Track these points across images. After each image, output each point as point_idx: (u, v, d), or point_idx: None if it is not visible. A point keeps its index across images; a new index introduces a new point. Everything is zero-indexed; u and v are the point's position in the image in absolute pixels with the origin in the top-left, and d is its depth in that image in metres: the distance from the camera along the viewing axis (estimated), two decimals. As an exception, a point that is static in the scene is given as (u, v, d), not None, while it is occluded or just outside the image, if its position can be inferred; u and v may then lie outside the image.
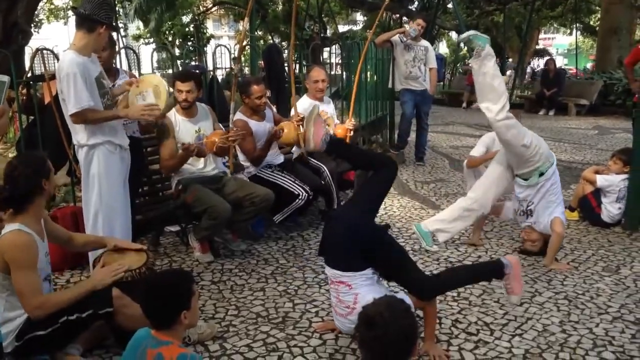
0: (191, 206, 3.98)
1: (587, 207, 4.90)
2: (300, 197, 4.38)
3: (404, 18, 15.14)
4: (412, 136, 7.54)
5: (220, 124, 4.46)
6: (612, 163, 4.90)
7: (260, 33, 24.00)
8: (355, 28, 28.04)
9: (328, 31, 21.11)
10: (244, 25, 6.19)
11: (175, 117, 4.06)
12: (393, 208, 5.46)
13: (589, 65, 20.02)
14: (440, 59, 16.44)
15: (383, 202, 5.50)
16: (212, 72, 6.85)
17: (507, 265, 2.92)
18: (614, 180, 4.77)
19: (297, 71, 7.26)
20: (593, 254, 4.17)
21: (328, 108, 5.25)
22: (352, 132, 5.12)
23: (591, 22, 24.62)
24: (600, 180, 4.82)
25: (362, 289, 2.65)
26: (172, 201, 4.25)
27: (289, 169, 4.69)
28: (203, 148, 3.93)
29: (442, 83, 18.04)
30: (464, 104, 15.56)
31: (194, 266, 4.00)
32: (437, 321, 3.10)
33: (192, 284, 2.26)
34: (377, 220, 5.01)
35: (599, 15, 18.81)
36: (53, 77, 3.88)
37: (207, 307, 3.34)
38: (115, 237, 3.19)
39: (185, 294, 2.18)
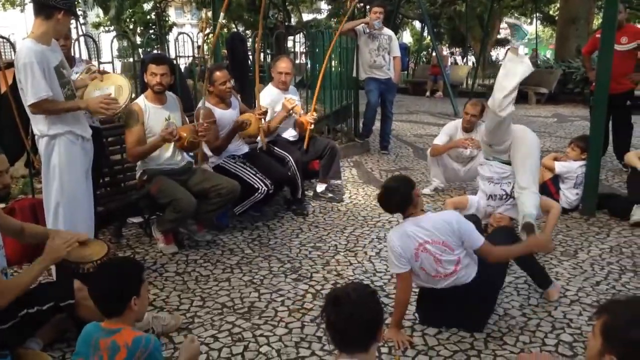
0: (155, 197, 3.93)
1: (546, 193, 4.98)
2: (259, 190, 4.37)
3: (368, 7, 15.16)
4: (377, 125, 7.59)
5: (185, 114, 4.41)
6: (570, 150, 5.03)
7: (223, 21, 23.71)
8: (319, 17, 27.95)
9: (292, 20, 20.96)
10: (205, 14, 6.10)
11: (144, 103, 3.97)
12: (358, 197, 5.50)
13: (548, 54, 20.40)
14: (404, 48, 16.55)
15: (348, 191, 5.61)
16: (174, 61, 6.73)
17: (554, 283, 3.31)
18: (571, 167, 4.90)
19: (261, 60, 7.20)
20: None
21: (293, 98, 5.24)
22: (312, 125, 5.12)
23: (551, 12, 25.10)
24: (559, 167, 4.94)
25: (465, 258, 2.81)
26: (135, 192, 4.18)
27: (253, 160, 4.67)
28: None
29: (406, 72, 18.17)
30: (428, 93, 15.72)
31: (158, 258, 3.95)
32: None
33: (141, 272, 2.26)
34: (342, 210, 5.05)
35: (558, 5, 19.16)
36: (8, 65, 3.77)
37: (172, 299, 3.31)
38: (75, 230, 3.09)
39: (135, 281, 2.18)
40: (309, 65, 7.94)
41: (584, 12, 14.89)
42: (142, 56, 6.73)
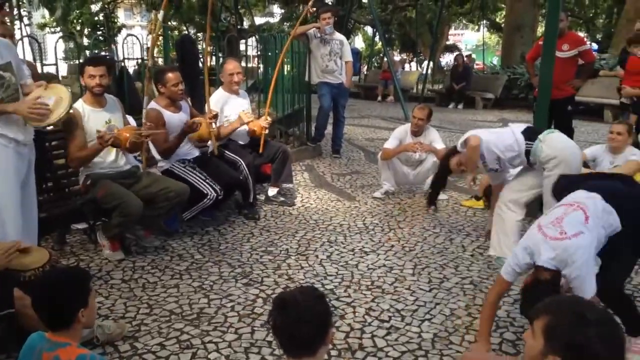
0: (101, 202, 3.83)
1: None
2: (208, 196, 4.33)
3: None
4: (329, 129, 7.63)
5: (131, 117, 4.32)
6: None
7: (174, 23, 23.39)
8: (272, 20, 27.93)
9: (245, 23, 20.86)
10: (155, 15, 6.01)
11: (82, 107, 3.86)
12: (310, 200, 5.51)
13: (495, 60, 21.00)
14: (356, 53, 16.76)
15: (300, 195, 5.62)
16: (122, 63, 6.61)
17: None
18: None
19: (212, 63, 7.15)
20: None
21: (244, 102, 5.22)
22: (267, 130, 5.12)
23: (497, 19, 25.86)
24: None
25: (590, 232, 2.50)
26: (79, 197, 4.07)
27: (204, 164, 4.61)
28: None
29: (358, 77, 18.36)
30: (379, 98, 15.93)
31: (103, 265, 3.85)
32: (352, 310, 3.19)
33: (88, 281, 2.16)
34: (294, 214, 5.06)
35: (504, 13, 19.75)
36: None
37: (117, 307, 3.23)
38: (4, 240, 2.93)
39: (82, 291, 2.08)
40: (261, 69, 7.92)
41: (529, 20, 15.41)
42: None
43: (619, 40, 14.33)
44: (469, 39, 37.99)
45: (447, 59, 28.50)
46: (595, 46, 21.94)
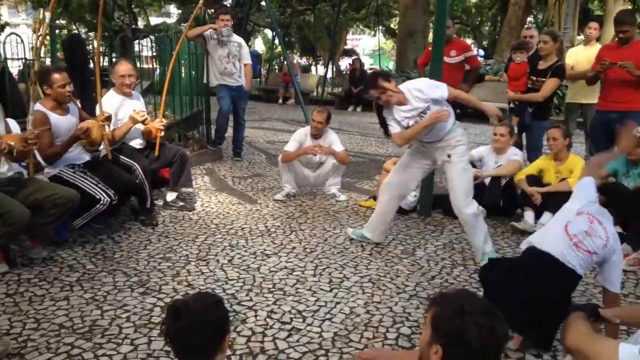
0: (-20, 212, 3.55)
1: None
2: (101, 202, 4.15)
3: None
4: (230, 132, 7.56)
5: (14, 121, 4.04)
6: (406, 154, 5.41)
7: (63, 22, 22.16)
8: (169, 21, 27.22)
9: (140, 23, 20.17)
10: (42, 13, 5.67)
11: None
12: (210, 204, 5.42)
13: (390, 65, 21.75)
14: (255, 55, 16.68)
15: (200, 199, 5.52)
16: (3, 64, 6.16)
17: None
18: None
19: (105, 64, 6.85)
20: (393, 238, 4.57)
21: (138, 104, 5.04)
22: (162, 132, 4.98)
23: (392, 25, 26.83)
24: (399, 171, 5.28)
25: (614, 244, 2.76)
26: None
27: (95, 169, 4.40)
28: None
29: (258, 79, 18.31)
30: (280, 100, 15.98)
31: (-15, 279, 3.58)
32: (254, 314, 3.18)
33: None
34: (194, 218, 4.96)
35: (398, 19, 20.53)
36: None
37: (1, 322, 3.01)
38: None
39: None
40: (158, 71, 7.70)
41: (420, 27, 16.12)
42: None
43: (503, 46, 15.38)
44: (367, 43, 39.11)
45: (345, 63, 29.19)
46: (481, 52, 23.39)
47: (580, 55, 6.50)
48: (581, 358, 1.76)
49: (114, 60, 6.86)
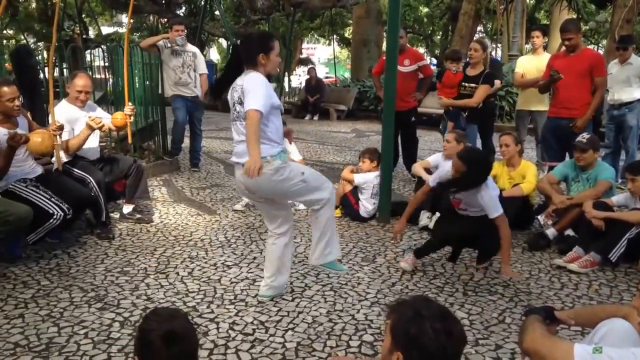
0: None
1: (347, 204, 5.38)
2: (55, 216, 4.03)
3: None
4: (187, 142, 7.48)
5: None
6: (362, 162, 5.49)
7: (10, 32, 21.52)
8: (121, 30, 26.74)
9: (91, 32, 19.76)
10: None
11: None
12: (169, 216, 5.35)
13: (347, 74, 21.96)
14: (211, 65, 16.58)
15: (158, 210, 5.43)
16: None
17: None
18: (368, 178, 5.33)
19: (55, 74, 6.67)
20: (354, 246, 4.61)
21: (95, 114, 4.92)
22: (132, 118, 4.89)
23: (346, 34, 27.11)
24: (357, 178, 5.35)
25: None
26: None
27: (48, 182, 4.28)
28: None
29: (214, 89, 18.16)
30: (236, 110, 15.87)
31: None
32: (216, 326, 3.15)
33: None
34: (152, 231, 4.88)
35: (352, 29, 20.76)
36: None
37: (-49, 345, 2.90)
38: None
39: None
40: (111, 81, 7.55)
41: (374, 36, 16.36)
42: None
43: (454, 56, 15.72)
44: (322, 53, 39.36)
45: (301, 71, 29.29)
46: (434, 61, 23.89)
47: (529, 64, 6.75)
48: None
49: (64, 70, 6.72)
